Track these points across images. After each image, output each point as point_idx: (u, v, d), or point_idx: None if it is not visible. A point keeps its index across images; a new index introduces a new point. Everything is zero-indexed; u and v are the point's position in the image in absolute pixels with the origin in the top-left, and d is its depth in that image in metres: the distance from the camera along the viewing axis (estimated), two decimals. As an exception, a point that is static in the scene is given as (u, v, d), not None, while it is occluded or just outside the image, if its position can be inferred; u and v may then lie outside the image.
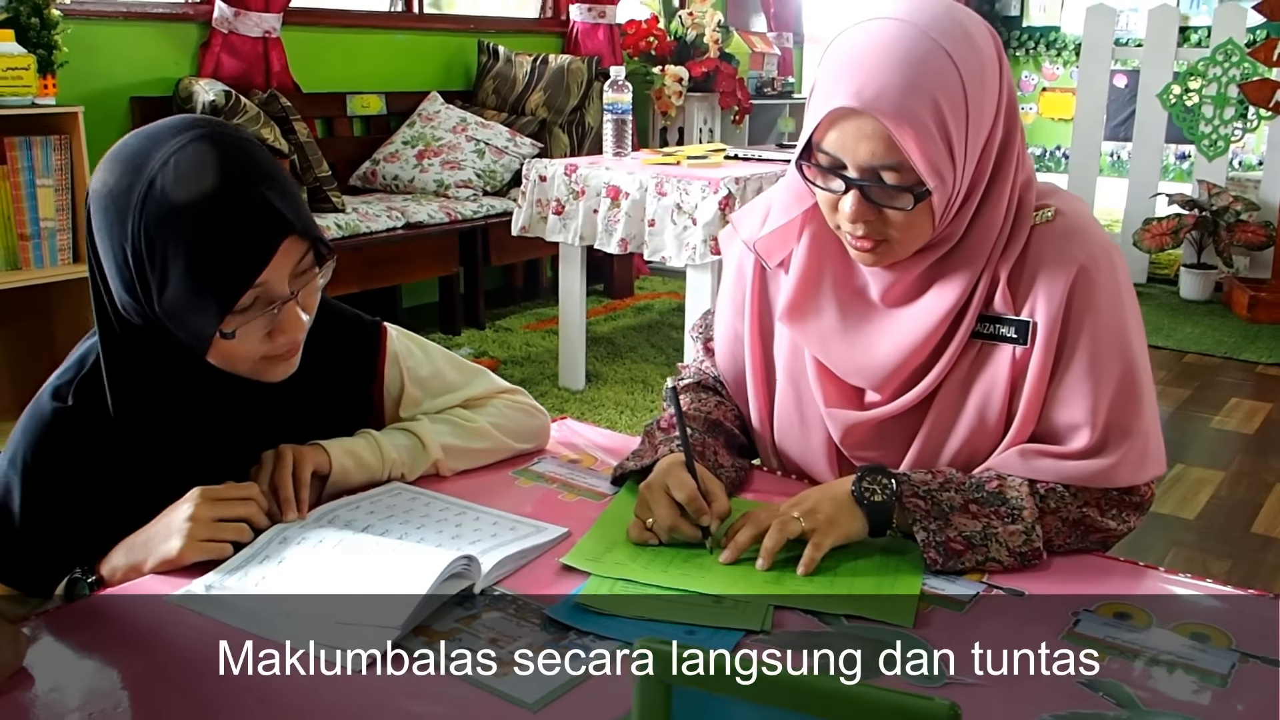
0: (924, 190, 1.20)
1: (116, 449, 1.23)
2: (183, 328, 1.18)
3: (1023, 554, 1.19)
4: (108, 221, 1.15)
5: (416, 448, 1.40)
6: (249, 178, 1.16)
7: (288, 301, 1.19)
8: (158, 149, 1.15)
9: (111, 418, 1.23)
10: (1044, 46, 9.82)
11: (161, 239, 1.13)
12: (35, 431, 1.23)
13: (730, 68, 6.20)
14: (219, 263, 1.14)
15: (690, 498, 1.24)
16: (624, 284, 5.66)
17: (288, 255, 1.18)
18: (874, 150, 1.19)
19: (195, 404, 1.26)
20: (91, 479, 1.23)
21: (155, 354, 1.22)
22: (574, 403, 3.95)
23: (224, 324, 1.16)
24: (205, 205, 1.13)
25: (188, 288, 1.14)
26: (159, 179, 1.13)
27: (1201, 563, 2.84)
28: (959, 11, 1.22)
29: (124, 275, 1.16)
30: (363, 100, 4.93)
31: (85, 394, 1.23)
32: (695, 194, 3.48)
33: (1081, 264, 1.25)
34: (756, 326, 1.44)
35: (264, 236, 1.15)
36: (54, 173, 3.41)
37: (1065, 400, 1.26)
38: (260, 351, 1.21)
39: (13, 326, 3.58)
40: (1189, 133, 6.02)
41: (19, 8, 3.37)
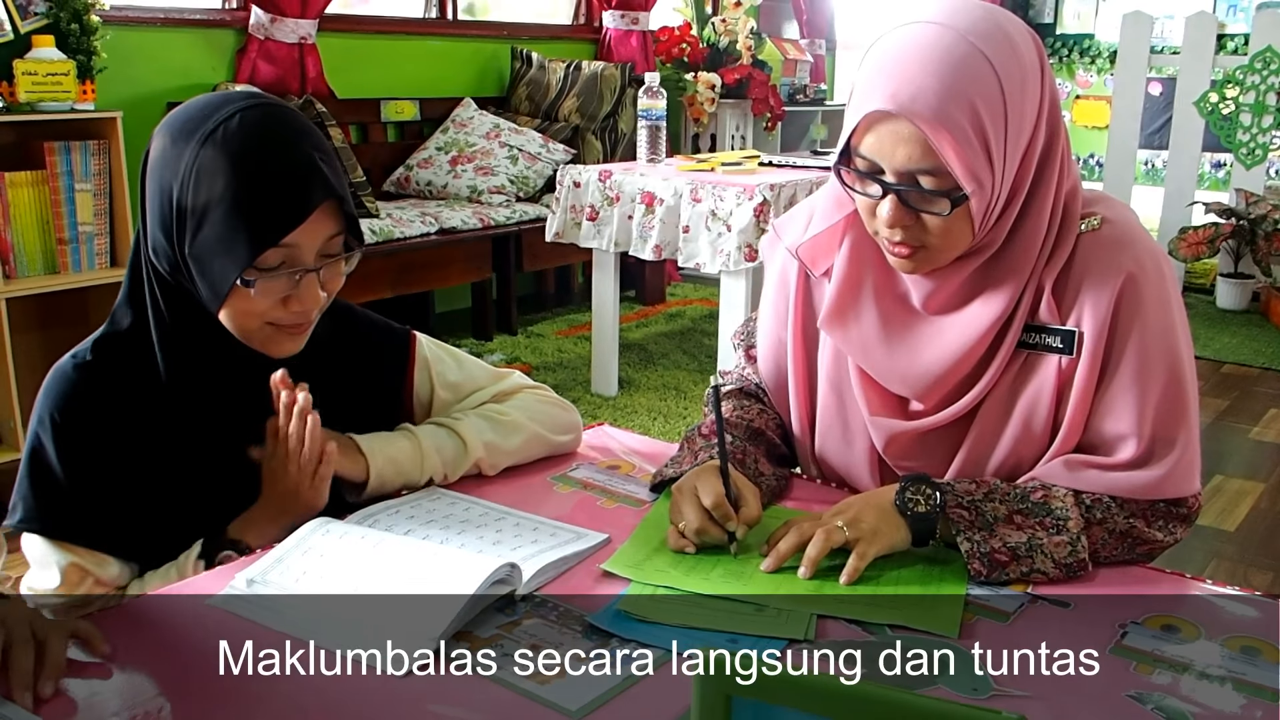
0: (961, 195, 1.19)
1: (141, 406, 1.26)
2: (206, 272, 1.20)
3: (1068, 565, 1.18)
4: (163, 161, 1.21)
5: (459, 448, 1.40)
6: (304, 141, 1.22)
7: (310, 273, 1.22)
8: (226, 105, 1.21)
9: (130, 374, 1.25)
10: (1078, 54, 9.75)
11: (210, 177, 1.17)
12: (57, 388, 1.26)
13: (763, 74, 6.19)
14: (258, 206, 1.18)
15: (716, 502, 1.24)
16: (656, 290, 5.66)
17: (321, 224, 1.21)
18: (910, 154, 1.18)
19: (223, 380, 1.28)
20: (119, 432, 1.25)
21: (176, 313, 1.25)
22: (607, 409, 3.94)
23: (246, 273, 1.19)
24: (259, 153, 1.19)
25: (223, 228, 1.17)
26: (221, 128, 1.18)
27: (1243, 575, 2.81)
28: (1001, 16, 1.21)
29: (164, 215, 1.20)
30: (397, 106, 4.95)
31: (104, 351, 1.27)
32: (730, 200, 3.47)
33: (1129, 272, 1.23)
34: (800, 334, 1.44)
35: (305, 191, 1.20)
36: (92, 177, 3.44)
37: (1111, 410, 1.25)
38: (272, 315, 1.23)
39: (50, 331, 3.61)
40: (1226, 141, 5.96)
41: (59, 14, 3.40)
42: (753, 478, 1.35)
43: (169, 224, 1.20)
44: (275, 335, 1.26)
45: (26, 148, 3.37)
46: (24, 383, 3.42)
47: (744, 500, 1.27)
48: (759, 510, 1.28)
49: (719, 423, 1.29)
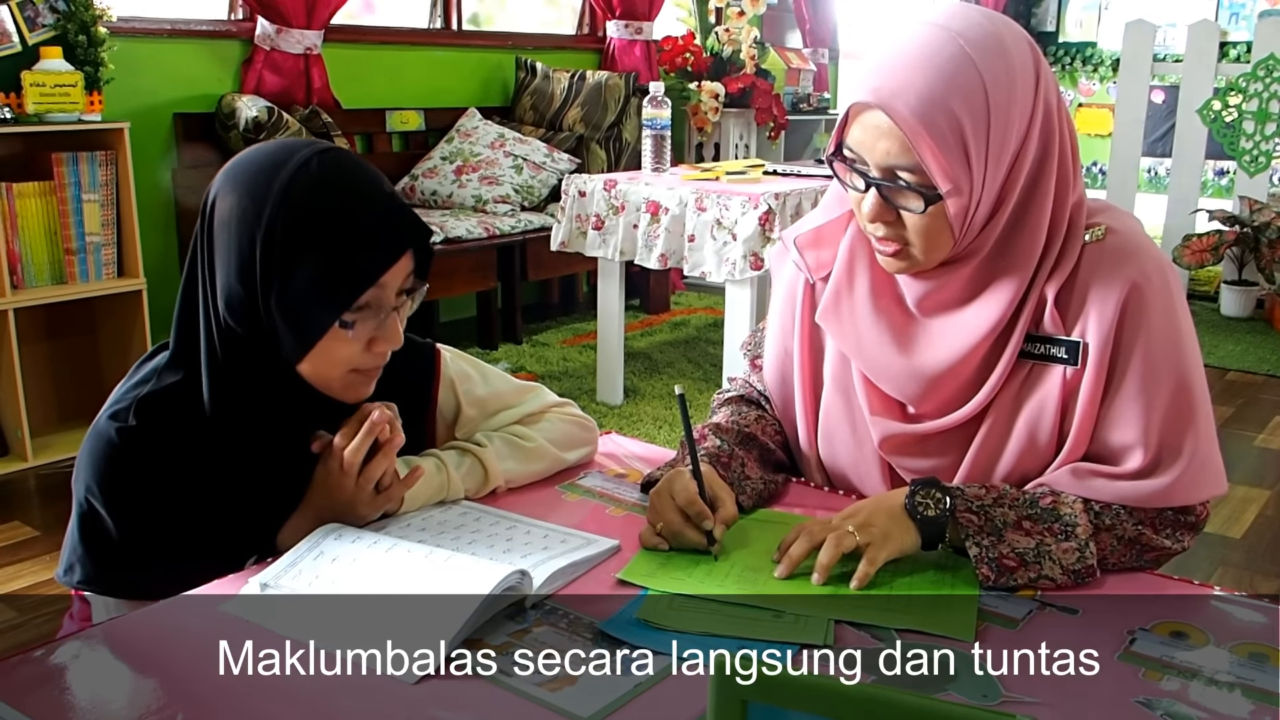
0: (935, 194, 1.20)
1: (188, 460, 1.24)
2: (296, 321, 1.20)
3: (1076, 571, 1.18)
4: (238, 214, 1.19)
5: (482, 478, 1.41)
6: (382, 182, 1.24)
7: (391, 313, 1.24)
8: (293, 152, 1.21)
9: (173, 436, 1.24)
10: (1080, 62, 9.76)
11: (299, 229, 1.17)
12: (103, 454, 1.23)
13: (766, 84, 6.19)
14: (357, 249, 1.19)
15: (689, 501, 1.25)
16: (660, 299, 5.66)
17: (405, 262, 1.23)
18: (889, 149, 1.20)
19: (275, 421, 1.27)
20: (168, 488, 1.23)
21: (241, 363, 1.23)
22: (612, 418, 3.95)
23: (344, 315, 1.20)
24: (348, 197, 1.20)
25: (319, 273, 1.18)
26: (300, 175, 1.19)
27: (1249, 582, 2.81)
28: (1000, 23, 1.22)
29: (244, 268, 1.19)
30: (402, 116, 4.96)
31: (149, 413, 1.24)
32: (735, 209, 3.48)
33: (1134, 282, 1.24)
34: (807, 343, 1.44)
35: (397, 231, 1.22)
36: (100, 188, 3.46)
37: (1118, 421, 1.25)
38: (356, 360, 1.24)
39: (58, 341, 3.63)
40: (1229, 148, 5.96)
41: (67, 25, 3.42)
42: (738, 480, 1.36)
43: (250, 278, 1.19)
44: (355, 380, 1.27)
45: (34, 158, 3.39)
46: (31, 392, 3.44)
47: (720, 501, 1.28)
48: (735, 510, 1.30)
49: (686, 428, 1.30)
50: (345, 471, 1.27)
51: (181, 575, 1.20)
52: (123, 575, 1.24)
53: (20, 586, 2.72)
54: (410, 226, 1.23)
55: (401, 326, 1.27)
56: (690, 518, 1.25)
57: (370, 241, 1.20)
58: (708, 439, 1.41)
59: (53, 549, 2.78)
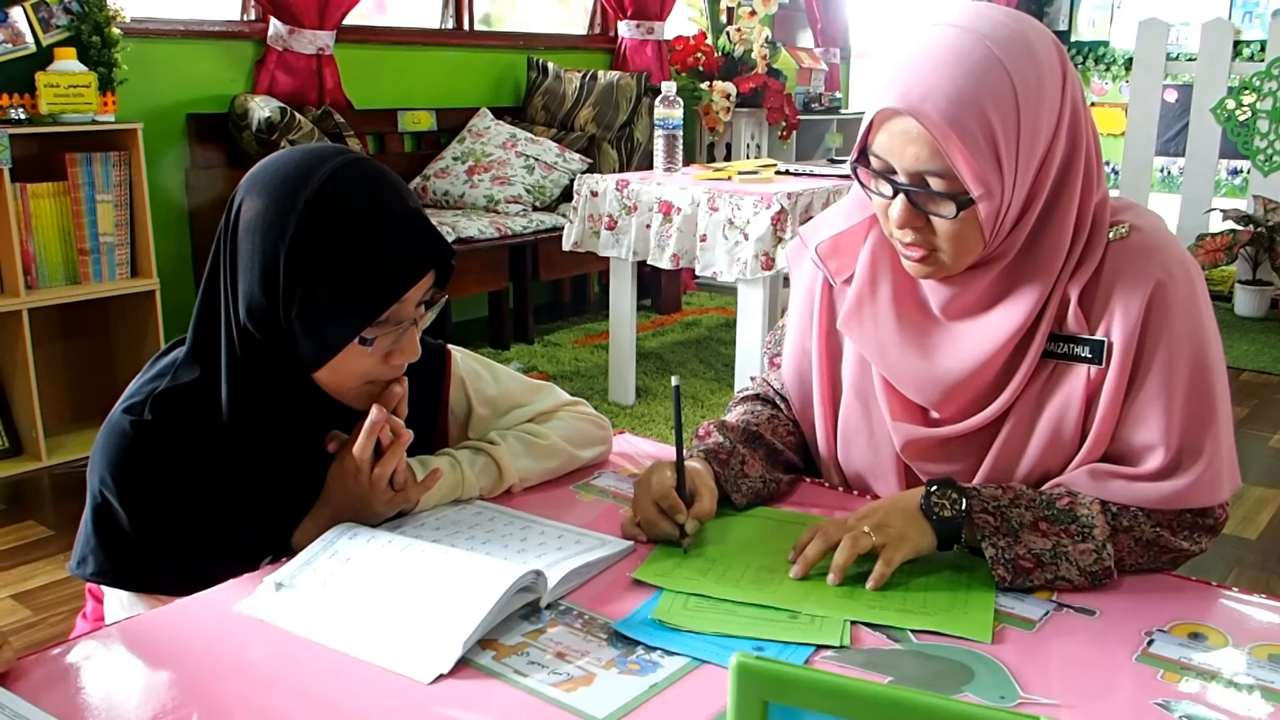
0: (967, 199, 1.19)
1: (202, 456, 1.24)
2: (316, 332, 1.20)
3: (1093, 573, 1.18)
4: (264, 223, 1.19)
5: (496, 476, 1.41)
6: (409, 196, 1.24)
7: (410, 326, 1.24)
8: (321, 163, 1.20)
9: (187, 432, 1.24)
10: (1093, 61, 9.74)
11: (324, 242, 1.17)
12: (117, 448, 1.23)
13: (778, 83, 6.19)
14: (381, 264, 1.19)
15: (663, 494, 1.26)
16: (671, 299, 5.67)
17: (425, 280, 1.24)
18: (918, 155, 1.18)
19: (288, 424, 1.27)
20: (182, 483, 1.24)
21: (259, 366, 1.23)
22: (624, 418, 3.95)
23: (365, 330, 1.20)
24: (374, 211, 1.19)
25: (342, 286, 1.18)
26: (328, 185, 1.18)
27: (1265, 582, 2.80)
28: (1025, 24, 1.21)
29: (267, 276, 1.18)
30: (414, 116, 4.97)
31: (165, 408, 1.24)
32: (747, 209, 3.48)
33: (1158, 280, 1.22)
34: (824, 342, 1.44)
35: (421, 248, 1.22)
36: (113, 188, 3.47)
37: (1139, 420, 1.24)
38: (373, 372, 1.25)
39: (72, 341, 3.64)
40: (1243, 148, 5.95)
41: (81, 26, 3.43)
42: (734, 478, 1.36)
43: (273, 287, 1.18)
44: (370, 391, 1.28)
45: (48, 159, 3.40)
46: (45, 392, 3.45)
47: (698, 495, 1.29)
48: (712, 507, 1.30)
49: (677, 420, 1.30)
50: (357, 470, 1.27)
51: (194, 570, 1.21)
52: (135, 568, 1.24)
53: (34, 585, 2.73)
54: (433, 244, 1.23)
55: (418, 336, 1.28)
56: (664, 510, 1.26)
57: (393, 259, 1.20)
58: (712, 435, 1.41)
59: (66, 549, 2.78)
